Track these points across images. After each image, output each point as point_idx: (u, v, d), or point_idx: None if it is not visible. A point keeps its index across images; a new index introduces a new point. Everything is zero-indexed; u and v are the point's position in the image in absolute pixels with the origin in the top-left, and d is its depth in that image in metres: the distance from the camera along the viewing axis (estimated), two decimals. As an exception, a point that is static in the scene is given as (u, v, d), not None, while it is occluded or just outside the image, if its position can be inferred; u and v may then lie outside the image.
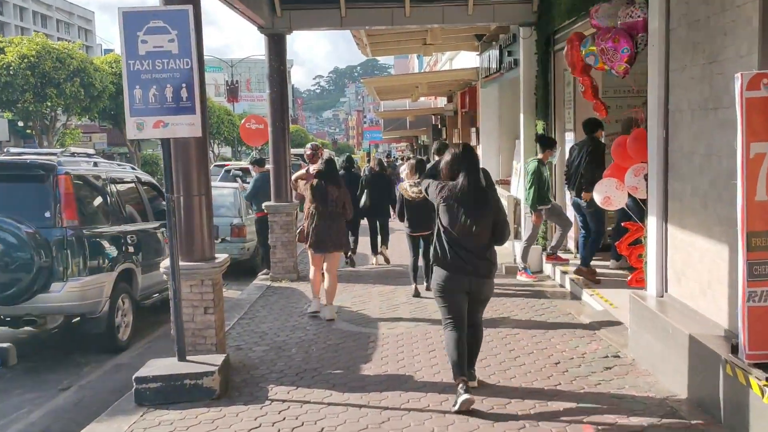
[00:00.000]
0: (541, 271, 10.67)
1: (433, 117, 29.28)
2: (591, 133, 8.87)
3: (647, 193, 5.93)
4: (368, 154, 53.24)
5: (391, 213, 12.17)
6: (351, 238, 11.74)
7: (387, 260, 12.28)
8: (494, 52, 13.77)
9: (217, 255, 6.32)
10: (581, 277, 8.89)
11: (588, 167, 8.69)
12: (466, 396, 4.88)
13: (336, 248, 8.12)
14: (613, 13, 6.12)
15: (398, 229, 15.33)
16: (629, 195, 6.79)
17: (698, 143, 5.03)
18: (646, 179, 6.21)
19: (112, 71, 28.80)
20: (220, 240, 12.14)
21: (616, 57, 5.95)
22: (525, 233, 10.32)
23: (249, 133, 18.94)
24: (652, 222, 5.83)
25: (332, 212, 8.01)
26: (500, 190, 14.97)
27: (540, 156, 9.83)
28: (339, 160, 32.52)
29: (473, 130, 16.92)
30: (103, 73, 28.20)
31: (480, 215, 5.03)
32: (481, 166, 5.34)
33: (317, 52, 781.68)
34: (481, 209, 5.04)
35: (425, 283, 9.23)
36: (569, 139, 10.42)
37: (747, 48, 4.31)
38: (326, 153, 11.17)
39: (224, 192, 13.13)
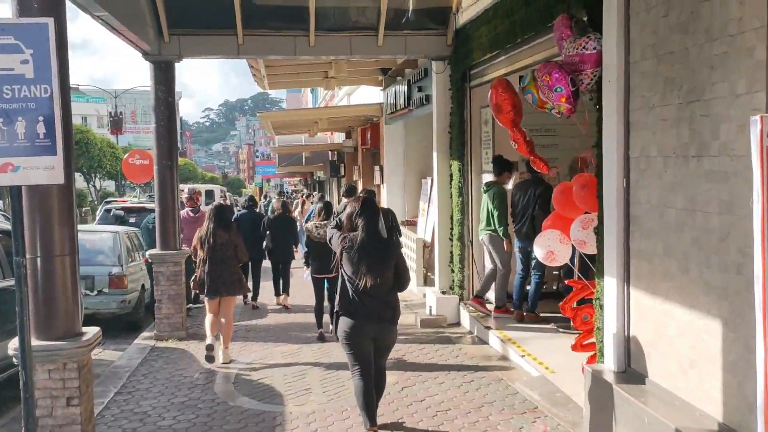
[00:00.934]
0: (458, 323, 9.82)
1: (330, 153, 28.39)
2: (537, 172, 8.27)
3: (604, 250, 5.15)
4: (261, 189, 51.83)
5: (295, 253, 12.10)
6: (251, 282, 11.54)
7: (287, 308, 11.77)
8: (401, 88, 13.02)
9: (85, 329, 5.04)
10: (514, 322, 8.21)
11: (540, 211, 8.37)
12: None
13: (230, 293, 8.08)
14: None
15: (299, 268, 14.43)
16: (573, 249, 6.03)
17: (675, 196, 4.27)
18: (596, 233, 5.45)
19: None
20: (96, 292, 10.66)
21: (552, 96, 5.19)
22: (491, 265, 9.33)
23: (132, 169, 17.35)
24: (610, 284, 5.04)
25: (223, 256, 7.97)
26: (407, 231, 14.16)
27: (496, 179, 9.14)
28: (235, 197, 30.15)
29: (377, 168, 16.11)
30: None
31: (381, 264, 5.24)
32: (385, 206, 4.68)
33: (207, 84, 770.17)
34: (382, 258, 5.25)
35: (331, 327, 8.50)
36: (487, 181, 9.70)
37: (747, 85, 3.58)
38: (217, 190, 10.75)
39: (103, 236, 11.63)
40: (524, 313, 8.86)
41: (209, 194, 28.33)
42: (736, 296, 3.73)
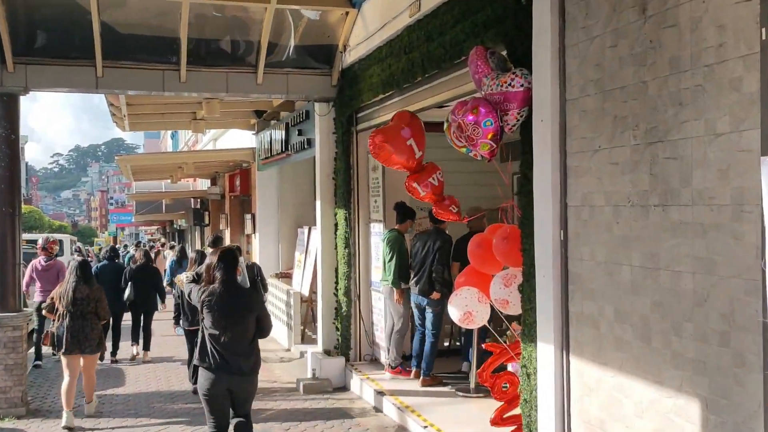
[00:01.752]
0: (345, 388, 8.95)
1: (193, 200, 26.90)
2: (439, 223, 7.94)
3: (536, 311, 4.52)
4: (115, 239, 48.72)
5: (159, 306, 12.03)
6: (112, 336, 11.31)
7: (148, 362, 11.28)
8: (278, 132, 12.19)
9: None
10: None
11: (438, 265, 7.99)
12: None
13: (92, 350, 7.83)
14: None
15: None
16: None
17: (629, 251, 3.70)
18: (521, 291, 4.83)
19: None
20: None
21: (477, 133, 4.57)
22: (390, 320, 8.55)
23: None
24: (545, 351, 4.40)
25: (84, 312, 7.75)
26: (282, 284, 13.19)
27: (397, 226, 8.46)
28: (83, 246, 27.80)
29: (248, 216, 15.08)
30: None
31: (242, 317, 5.25)
32: (253, 260, 4.09)
33: (56, 128, 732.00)
34: (243, 311, 5.26)
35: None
36: (376, 231, 9.00)
37: (731, 122, 3.06)
38: (67, 240, 11.13)
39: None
40: (420, 378, 8.16)
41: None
42: (719, 372, 3.16)
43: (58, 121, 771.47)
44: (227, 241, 18.65)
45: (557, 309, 4.29)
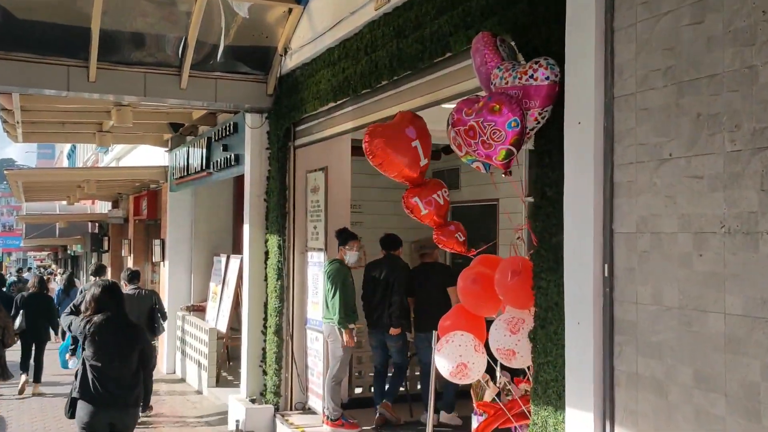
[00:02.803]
0: (274, 442, 7.73)
1: (90, 224, 24.83)
2: (392, 249, 7.54)
3: (565, 367, 3.52)
4: (0, 264, 45.13)
5: (53, 337, 11.70)
6: None
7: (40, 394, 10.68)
8: (196, 148, 10.89)
9: None
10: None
11: (396, 295, 7.43)
12: None
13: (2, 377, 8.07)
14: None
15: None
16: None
17: (721, 294, 2.78)
18: (533, 340, 3.85)
19: None
20: None
21: (499, 137, 3.58)
22: (329, 364, 7.42)
23: None
24: (579, 420, 3.40)
25: None
26: (194, 319, 11.79)
27: (339, 254, 7.42)
28: None
29: (156, 242, 13.58)
30: None
31: (126, 348, 5.22)
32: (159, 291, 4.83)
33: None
34: (127, 343, 5.25)
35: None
36: (316, 262, 7.87)
37: None
38: None
39: None
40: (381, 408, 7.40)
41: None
42: None
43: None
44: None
45: (599, 366, 3.31)
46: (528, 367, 4.02)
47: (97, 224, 23.62)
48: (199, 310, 12.52)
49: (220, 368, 10.85)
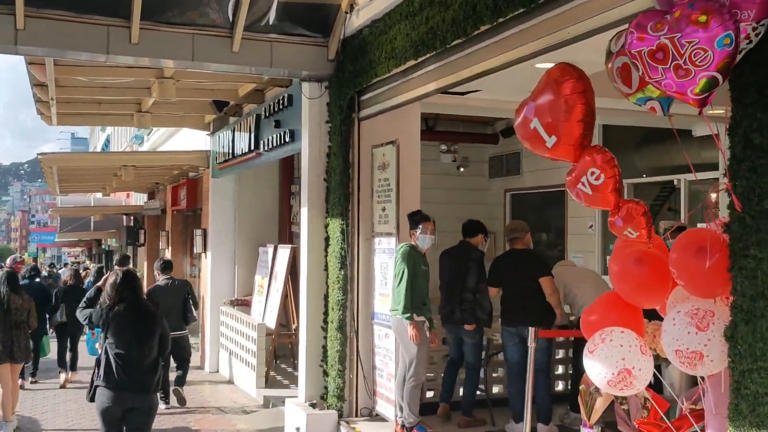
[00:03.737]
0: (338, 454, 6.82)
1: (125, 218, 24.20)
2: (468, 237, 6.72)
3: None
4: (35, 259, 45.03)
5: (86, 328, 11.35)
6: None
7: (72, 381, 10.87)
8: (243, 128, 10.01)
9: None
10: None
11: (469, 287, 6.64)
12: None
13: (23, 358, 8.14)
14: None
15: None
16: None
17: None
18: (731, 339, 2.86)
19: None
20: None
21: (700, 60, 2.58)
22: (402, 364, 6.40)
23: None
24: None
25: (18, 321, 7.94)
26: (239, 314, 10.94)
27: (411, 238, 6.46)
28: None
29: (198, 232, 12.75)
30: None
31: (146, 335, 5.34)
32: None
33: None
34: (147, 329, 5.37)
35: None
36: (384, 248, 6.93)
37: None
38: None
39: None
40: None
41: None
42: None
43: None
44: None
45: None
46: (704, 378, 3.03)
47: (132, 217, 22.97)
48: (243, 304, 11.68)
49: (269, 369, 9.98)
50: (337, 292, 7.15)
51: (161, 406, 8.66)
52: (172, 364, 9.25)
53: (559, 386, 7.76)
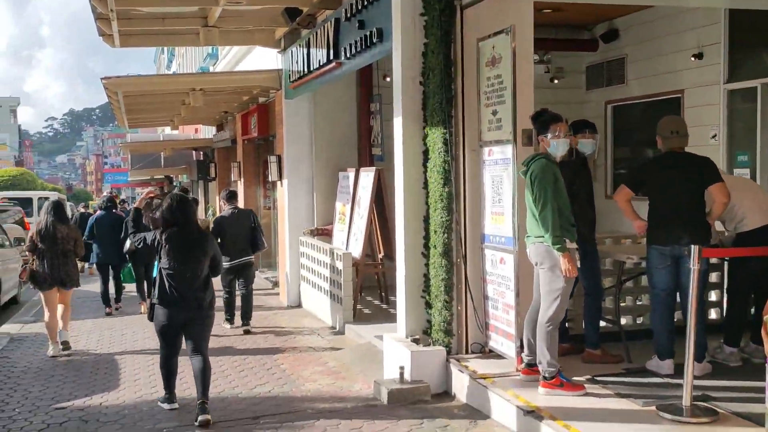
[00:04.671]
0: (448, 394, 5.97)
1: (194, 152, 23.73)
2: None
3: None
4: (114, 194, 45.57)
5: None
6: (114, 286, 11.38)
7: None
8: (320, 38, 8.98)
9: None
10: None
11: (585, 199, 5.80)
12: (172, 405, 5.84)
13: (72, 284, 8.37)
14: None
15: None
16: None
17: None
18: None
19: None
20: None
21: None
22: (538, 301, 5.39)
23: None
24: None
25: (65, 250, 8.18)
26: (320, 244, 10.15)
27: (542, 146, 5.41)
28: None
29: (272, 159, 11.92)
30: None
31: (196, 255, 5.67)
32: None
33: (51, 92, 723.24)
34: (197, 250, 5.69)
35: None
36: (497, 159, 5.89)
37: None
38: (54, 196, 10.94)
39: None
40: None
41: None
42: None
43: (52, 86, 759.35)
44: (241, 196, 15.59)
45: None
46: None
47: (201, 152, 22.46)
48: (324, 234, 10.89)
49: (356, 300, 9.19)
50: (440, 212, 6.17)
51: (225, 327, 9.22)
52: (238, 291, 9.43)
53: (712, 315, 6.74)
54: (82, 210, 22.14)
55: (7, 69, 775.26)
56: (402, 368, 6.01)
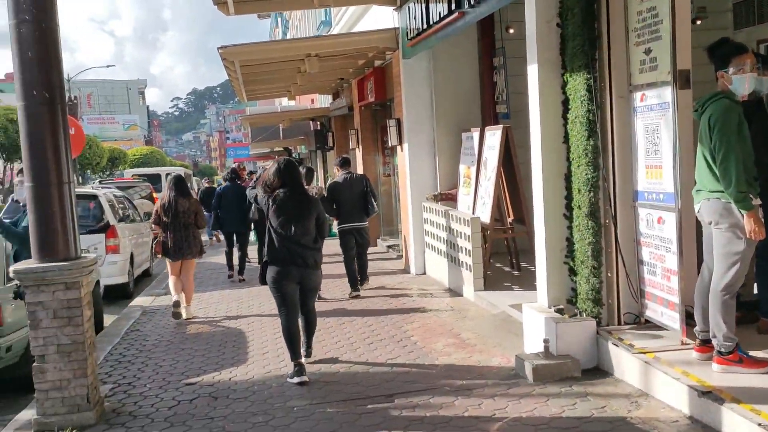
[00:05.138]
0: (599, 370, 5.37)
1: (311, 123, 23.71)
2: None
3: None
4: (240, 167, 46.89)
5: None
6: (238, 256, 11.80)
7: None
8: (433, 2, 8.40)
9: None
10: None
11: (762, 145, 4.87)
12: (302, 378, 5.70)
13: (192, 255, 8.71)
14: None
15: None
16: None
17: None
18: None
19: None
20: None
21: None
22: (711, 267, 4.66)
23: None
24: None
25: (186, 222, 8.61)
26: (444, 208, 9.66)
27: (718, 86, 4.66)
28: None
29: (391, 123, 11.48)
30: None
31: (303, 216, 5.97)
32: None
33: (175, 73, 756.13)
34: (304, 211, 5.98)
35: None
36: (651, 105, 5.16)
37: None
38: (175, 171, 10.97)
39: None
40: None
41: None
42: None
43: (176, 67, 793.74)
44: (360, 163, 15.31)
45: None
46: None
47: (319, 122, 22.38)
48: (448, 198, 10.37)
49: (486, 267, 8.66)
50: (585, 168, 5.52)
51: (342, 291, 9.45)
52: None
53: None
54: (207, 184, 22.73)
55: (134, 53, 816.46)
56: (547, 341, 5.46)
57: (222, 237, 12.18)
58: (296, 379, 5.71)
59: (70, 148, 5.25)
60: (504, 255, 9.87)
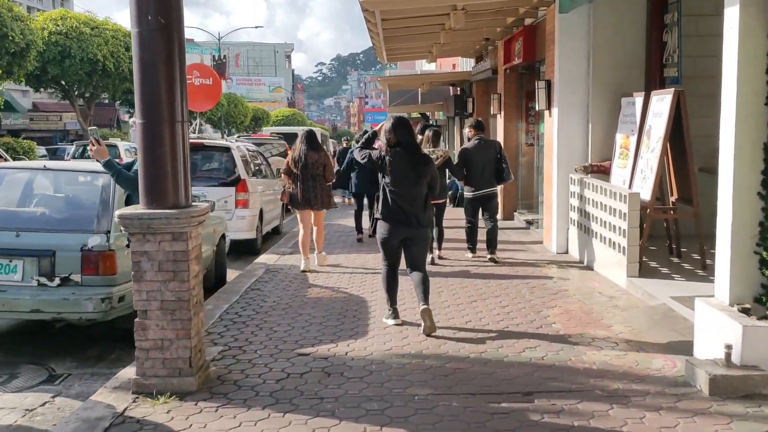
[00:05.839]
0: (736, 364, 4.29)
1: (451, 88, 22.82)
2: None
3: None
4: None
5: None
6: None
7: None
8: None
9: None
10: None
11: None
12: (396, 321, 6.11)
13: (322, 206, 8.91)
14: None
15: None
16: None
17: None
18: None
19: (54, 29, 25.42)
20: (57, 281, 5.83)
21: None
22: None
23: (191, 92, 12.39)
24: None
25: (314, 174, 8.78)
26: (595, 182, 8.58)
27: None
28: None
29: (540, 85, 10.42)
30: (26, 24, 21.53)
31: (417, 175, 5.99)
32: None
33: (321, 39, 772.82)
34: (418, 170, 5.99)
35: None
36: None
37: None
38: (318, 134, 10.61)
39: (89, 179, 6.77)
40: None
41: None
42: None
43: (323, 33, 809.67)
44: (501, 130, 14.34)
45: None
46: None
47: (459, 87, 21.47)
48: (600, 171, 9.26)
49: (642, 251, 7.57)
50: (795, 136, 4.40)
51: (468, 255, 9.47)
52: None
53: None
54: (345, 144, 22.48)
55: (284, 17, 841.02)
56: (729, 347, 4.42)
57: (353, 200, 11.80)
58: (391, 321, 6.12)
59: (185, 84, 4.72)
60: (661, 239, 8.70)
